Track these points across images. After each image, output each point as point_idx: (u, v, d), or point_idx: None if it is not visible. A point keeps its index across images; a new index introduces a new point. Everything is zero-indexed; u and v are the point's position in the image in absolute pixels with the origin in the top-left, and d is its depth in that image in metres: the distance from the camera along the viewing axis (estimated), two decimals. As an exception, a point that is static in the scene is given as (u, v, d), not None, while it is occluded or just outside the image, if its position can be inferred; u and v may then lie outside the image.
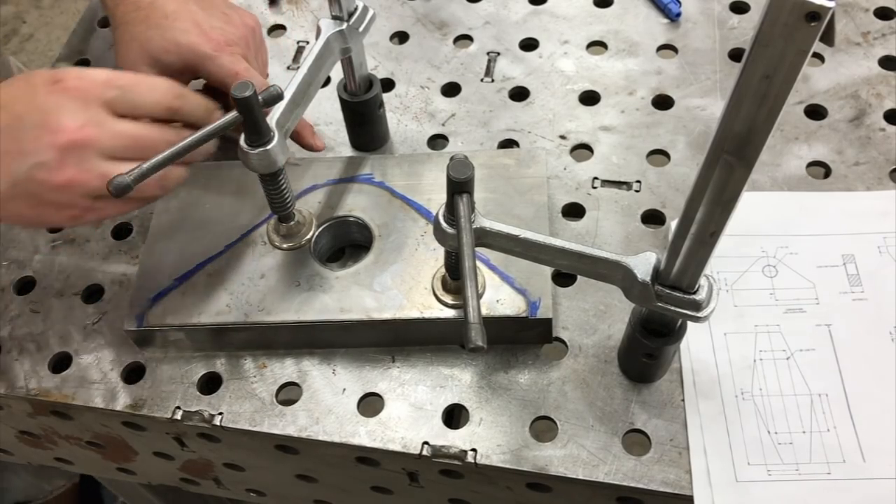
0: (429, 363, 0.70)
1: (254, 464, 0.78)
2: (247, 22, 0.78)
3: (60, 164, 0.59)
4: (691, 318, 0.54)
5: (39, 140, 0.59)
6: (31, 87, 0.61)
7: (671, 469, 0.61)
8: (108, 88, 0.62)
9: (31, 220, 0.63)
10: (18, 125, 0.59)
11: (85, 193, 0.61)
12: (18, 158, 0.59)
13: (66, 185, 0.60)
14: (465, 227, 0.55)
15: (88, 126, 0.60)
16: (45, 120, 0.59)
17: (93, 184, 0.60)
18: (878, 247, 0.71)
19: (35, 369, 0.73)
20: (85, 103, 0.60)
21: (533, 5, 0.95)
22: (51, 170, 0.59)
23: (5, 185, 0.60)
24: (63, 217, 0.62)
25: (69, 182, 0.59)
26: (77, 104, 0.60)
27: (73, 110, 0.59)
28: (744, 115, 0.39)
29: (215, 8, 0.77)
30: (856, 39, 0.86)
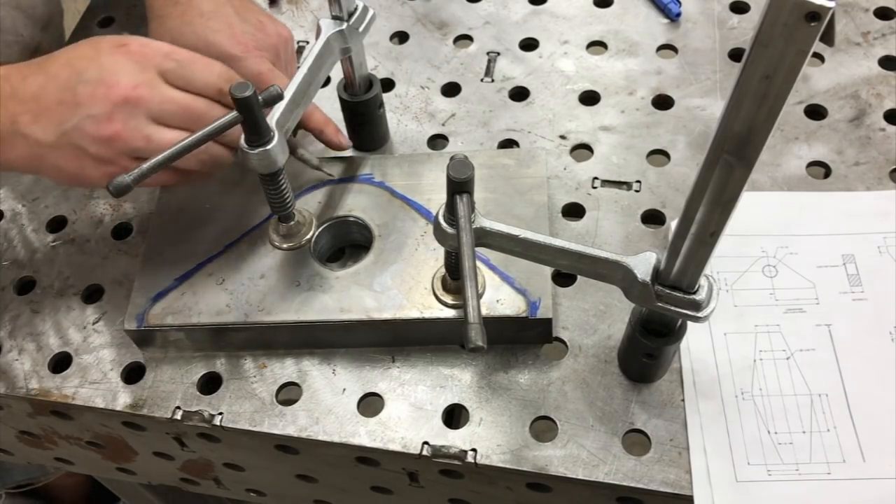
0: (429, 363, 0.70)
1: (254, 464, 0.78)
2: (280, 32, 0.79)
3: (109, 118, 0.61)
4: (691, 318, 0.54)
5: (94, 93, 0.61)
6: (96, 48, 0.64)
7: (671, 469, 0.61)
8: (166, 59, 0.64)
9: (71, 174, 0.64)
10: (77, 79, 0.62)
11: (126, 151, 0.62)
12: (72, 109, 0.62)
13: (110, 138, 0.62)
14: (465, 227, 0.55)
15: (142, 87, 0.62)
16: (102, 76, 0.62)
17: (135, 142, 0.62)
18: (878, 247, 0.71)
19: (35, 369, 0.73)
20: (143, 67, 0.63)
21: (533, 5, 0.95)
22: (99, 122, 0.61)
23: (53, 135, 0.62)
24: (101, 174, 0.64)
25: (114, 136, 0.62)
26: (135, 66, 0.63)
27: (130, 71, 0.62)
28: (744, 115, 0.39)
29: (251, 14, 0.77)
30: (856, 39, 0.86)
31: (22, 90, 0.63)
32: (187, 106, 0.64)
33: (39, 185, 0.87)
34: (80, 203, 0.84)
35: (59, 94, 0.62)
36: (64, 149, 0.63)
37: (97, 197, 0.85)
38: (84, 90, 0.62)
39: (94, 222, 0.83)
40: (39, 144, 0.63)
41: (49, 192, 0.86)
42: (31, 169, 0.66)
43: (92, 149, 0.62)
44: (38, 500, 1.48)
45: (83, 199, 0.85)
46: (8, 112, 0.63)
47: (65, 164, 0.64)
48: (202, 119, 0.63)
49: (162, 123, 0.64)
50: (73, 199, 0.85)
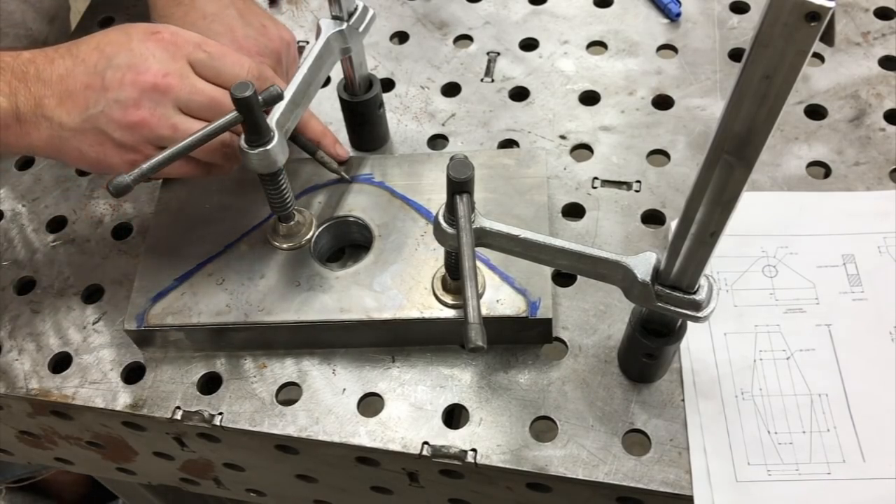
0: (429, 363, 0.70)
1: (254, 464, 0.78)
2: (283, 36, 0.79)
3: (137, 104, 0.61)
4: (691, 318, 0.54)
5: (123, 78, 0.61)
6: (128, 34, 0.64)
7: (671, 469, 0.61)
8: (197, 49, 0.64)
9: (92, 159, 0.64)
10: (106, 64, 0.62)
11: (151, 138, 0.62)
12: (99, 93, 0.61)
13: (136, 124, 0.62)
14: (465, 227, 0.55)
15: (172, 75, 0.62)
16: (133, 62, 0.62)
17: (162, 130, 0.62)
18: (878, 247, 0.71)
19: (35, 369, 0.73)
20: (174, 56, 0.63)
21: (533, 5, 0.95)
22: (126, 107, 0.61)
23: (77, 119, 0.62)
24: (122, 160, 0.63)
25: (140, 122, 0.62)
26: (166, 55, 0.63)
27: (161, 59, 0.62)
28: (744, 116, 0.39)
29: (254, 17, 0.77)
30: (856, 39, 0.86)
31: (48, 73, 0.63)
32: (215, 99, 0.64)
33: (39, 185, 0.87)
34: (80, 203, 0.84)
35: (87, 79, 0.62)
36: (87, 133, 0.62)
37: (97, 197, 0.85)
38: (113, 75, 0.62)
39: (94, 222, 0.83)
40: (63, 128, 0.62)
41: (49, 192, 0.86)
42: (52, 152, 0.65)
43: (116, 134, 0.62)
44: (37, 494, 1.48)
45: (83, 199, 0.85)
46: (32, 94, 0.62)
47: (87, 148, 0.63)
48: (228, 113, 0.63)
49: (188, 114, 0.64)
50: (73, 199, 0.85)
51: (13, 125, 0.62)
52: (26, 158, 0.89)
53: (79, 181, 0.86)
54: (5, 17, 0.92)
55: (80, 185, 0.86)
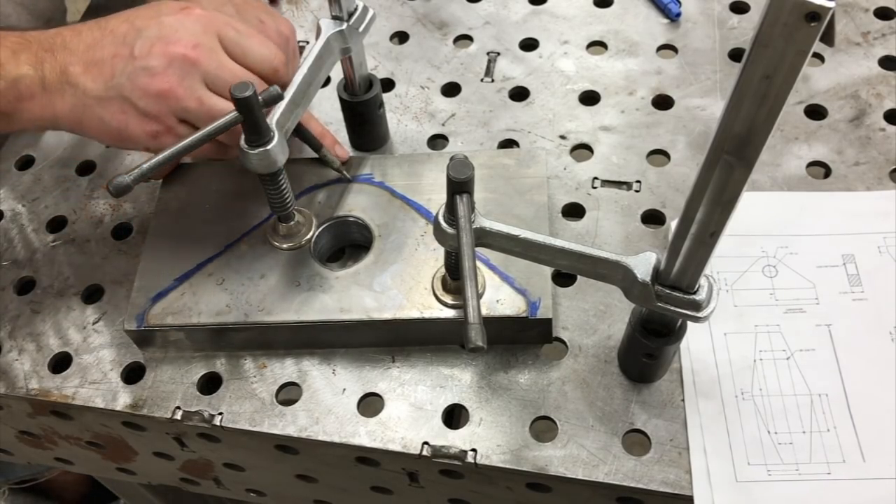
0: (429, 363, 0.70)
1: (254, 464, 0.78)
2: (281, 30, 0.77)
3: (164, 73, 0.61)
4: (691, 318, 0.54)
5: (153, 47, 0.62)
6: (157, 10, 0.64)
7: (671, 469, 0.61)
8: (227, 27, 0.65)
9: (114, 129, 0.64)
10: (136, 35, 0.62)
11: (176, 109, 0.62)
12: (127, 60, 0.61)
13: (162, 93, 0.62)
14: (465, 227, 0.55)
15: (201, 48, 0.62)
16: (162, 32, 0.62)
17: (186, 102, 0.62)
18: (878, 247, 0.71)
19: (35, 369, 0.73)
20: (204, 29, 0.63)
21: (533, 5, 0.95)
22: (154, 75, 0.61)
23: (102, 86, 0.62)
24: (143, 132, 0.63)
25: (166, 91, 0.62)
26: (198, 27, 0.63)
27: (192, 31, 0.63)
28: (744, 116, 0.39)
29: (252, 12, 0.76)
30: (856, 39, 0.86)
31: (75, 43, 0.63)
32: (240, 78, 0.64)
33: (39, 185, 0.87)
34: (80, 203, 0.84)
35: (115, 48, 0.62)
36: (112, 101, 0.62)
37: (97, 197, 0.85)
38: (143, 45, 0.62)
39: (94, 222, 0.83)
40: (87, 94, 0.62)
41: (49, 192, 0.86)
42: (74, 123, 0.65)
43: (141, 103, 0.62)
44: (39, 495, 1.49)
45: (83, 199, 0.85)
46: (59, 62, 0.62)
47: (109, 117, 0.63)
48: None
49: (214, 90, 0.64)
50: (72, 199, 0.85)
51: (38, 94, 0.62)
52: (26, 158, 0.89)
53: (79, 181, 0.86)
54: (3, 19, 0.92)
55: (80, 185, 0.86)
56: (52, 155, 0.89)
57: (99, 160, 0.88)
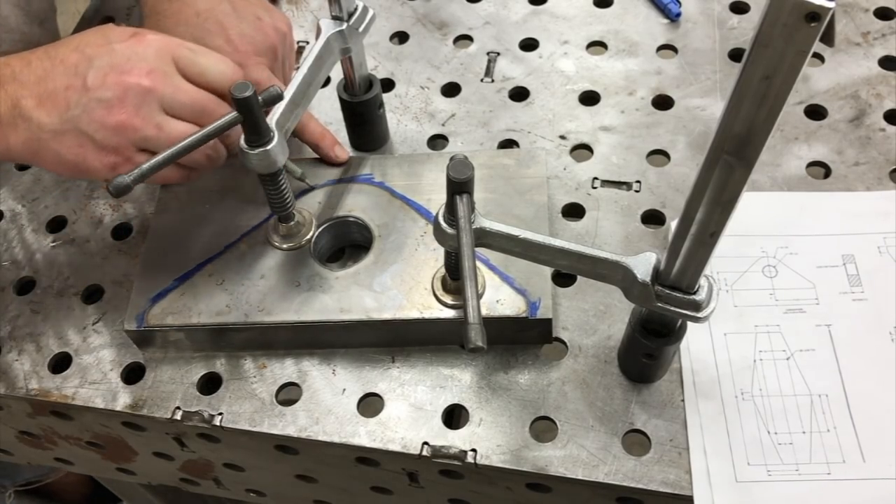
0: (429, 363, 0.70)
1: (254, 464, 0.78)
2: (279, 27, 0.77)
3: (121, 103, 0.60)
4: (691, 318, 0.54)
5: (107, 77, 0.60)
6: (106, 36, 0.62)
7: (671, 469, 0.61)
8: (181, 48, 0.63)
9: (70, 164, 0.62)
10: (88, 65, 0.60)
11: (135, 140, 0.61)
12: (81, 92, 0.59)
13: (120, 125, 0.60)
14: (464, 228, 0.55)
15: (156, 74, 0.61)
16: (115, 61, 0.60)
17: (145, 131, 0.61)
18: (878, 247, 0.71)
19: (35, 369, 0.73)
20: (158, 54, 0.62)
21: (533, 5, 0.95)
22: (110, 107, 0.60)
23: (57, 120, 0.60)
24: (102, 164, 0.62)
25: (124, 122, 0.60)
26: (150, 53, 0.61)
27: (144, 57, 0.61)
28: (744, 116, 0.39)
29: (248, 9, 0.75)
30: (856, 39, 0.86)
31: (25, 74, 0.61)
32: (199, 100, 0.63)
33: (39, 185, 0.87)
34: (80, 203, 0.84)
35: (68, 80, 0.60)
36: (67, 135, 0.60)
37: (97, 197, 0.85)
38: (95, 75, 0.60)
39: (94, 222, 0.83)
40: (42, 129, 0.60)
41: (49, 193, 0.86)
42: (28, 156, 0.63)
43: (98, 135, 0.60)
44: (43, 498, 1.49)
45: (83, 199, 0.85)
46: (9, 95, 0.60)
47: (66, 151, 0.61)
48: (212, 115, 0.62)
49: (172, 115, 0.62)
50: (72, 199, 0.85)
51: None
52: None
53: (79, 181, 0.86)
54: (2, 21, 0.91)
55: (80, 185, 0.86)
56: (52, 155, 0.89)
57: (99, 160, 0.88)
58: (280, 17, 0.78)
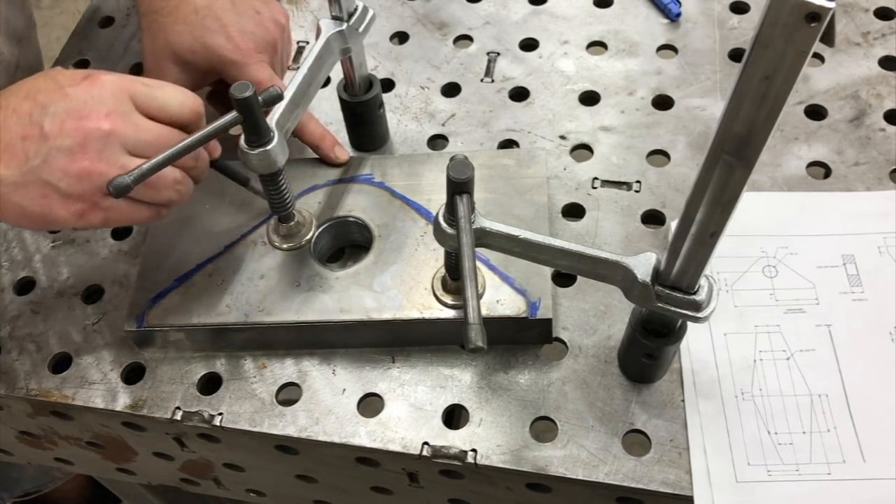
0: (429, 363, 0.70)
1: (254, 464, 0.78)
2: (278, 19, 0.77)
3: (82, 150, 0.57)
4: (691, 318, 0.54)
5: (64, 124, 0.57)
6: (56, 81, 0.60)
7: (671, 469, 0.61)
8: (136, 85, 0.61)
9: (35, 215, 0.59)
10: (42, 112, 0.58)
11: (100, 184, 0.58)
12: (39, 142, 0.57)
13: (84, 172, 0.58)
14: (465, 228, 0.55)
15: (115, 116, 0.59)
16: (71, 107, 0.58)
17: (111, 175, 0.58)
18: (878, 247, 0.71)
19: (35, 369, 0.73)
20: (114, 94, 0.59)
21: (533, 5, 0.95)
22: (72, 155, 0.57)
23: (17, 172, 0.57)
24: (69, 213, 0.59)
25: (88, 169, 0.58)
26: (106, 94, 0.59)
27: (101, 99, 0.59)
28: (744, 116, 0.39)
29: (247, 4, 0.75)
30: (856, 39, 0.86)
31: None
32: (162, 136, 0.61)
33: (39, 185, 0.86)
34: (79, 203, 0.84)
35: (23, 129, 0.57)
36: (30, 186, 0.57)
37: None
38: (52, 122, 0.57)
39: (94, 222, 0.82)
40: (1, 183, 0.57)
41: (49, 193, 0.85)
42: None
43: (62, 184, 0.58)
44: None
45: (83, 199, 0.84)
46: None
47: (30, 203, 0.58)
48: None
49: (136, 154, 0.60)
50: (72, 199, 0.85)
51: None
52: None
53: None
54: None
55: (79, 185, 0.86)
56: (52, 155, 0.89)
57: (99, 160, 0.88)
58: (278, 9, 0.78)
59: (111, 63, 0.96)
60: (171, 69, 0.74)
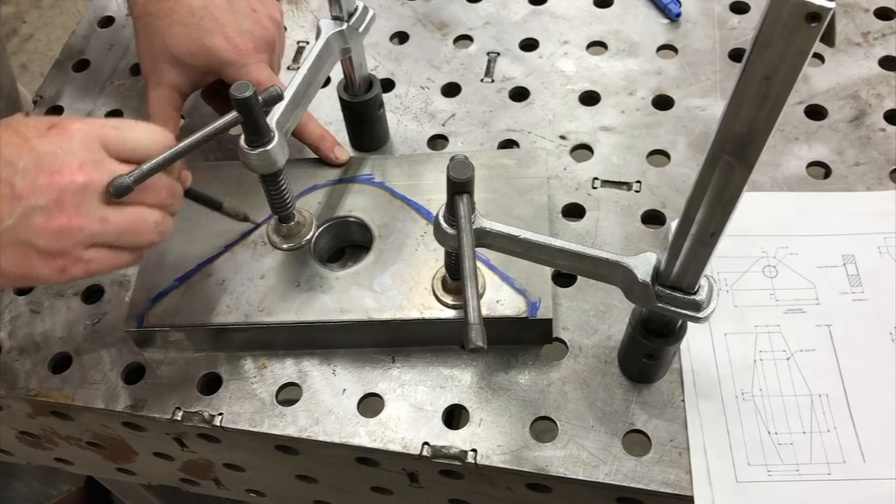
0: (429, 363, 0.70)
1: (254, 464, 0.78)
2: (274, 16, 0.76)
3: (59, 207, 0.55)
4: (691, 318, 0.54)
5: (36, 182, 0.54)
6: (21, 135, 0.56)
7: (671, 469, 0.61)
8: (105, 129, 0.58)
9: (15, 275, 0.57)
10: (10, 169, 0.54)
11: (81, 240, 0.56)
12: (11, 202, 0.54)
13: (63, 229, 0.55)
14: (465, 228, 0.55)
15: (87, 165, 0.56)
16: (41, 162, 0.55)
17: (91, 228, 0.56)
18: (878, 247, 0.71)
19: (35, 369, 0.73)
20: (84, 143, 0.57)
21: (533, 5, 0.95)
22: (49, 213, 0.55)
23: None
24: (50, 269, 0.57)
25: (67, 226, 0.55)
26: (75, 145, 0.56)
27: (71, 150, 0.56)
28: (744, 116, 0.39)
29: (243, 2, 0.74)
30: (856, 39, 0.86)
31: None
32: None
33: (39, 185, 0.86)
34: (80, 203, 0.84)
35: None
36: (8, 248, 0.55)
37: (97, 197, 0.84)
38: (23, 181, 0.54)
39: (94, 222, 0.82)
40: None
41: (49, 193, 0.85)
42: None
43: (41, 242, 0.55)
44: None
45: (83, 199, 0.84)
46: None
47: (9, 263, 0.56)
48: (154, 191, 0.59)
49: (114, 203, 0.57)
50: (73, 199, 0.85)
51: None
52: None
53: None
54: None
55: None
56: (52, 155, 0.89)
57: (99, 160, 0.88)
58: (273, 5, 0.78)
59: (111, 63, 0.96)
60: (169, 72, 0.74)
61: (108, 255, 0.59)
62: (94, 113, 0.91)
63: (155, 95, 0.76)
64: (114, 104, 0.92)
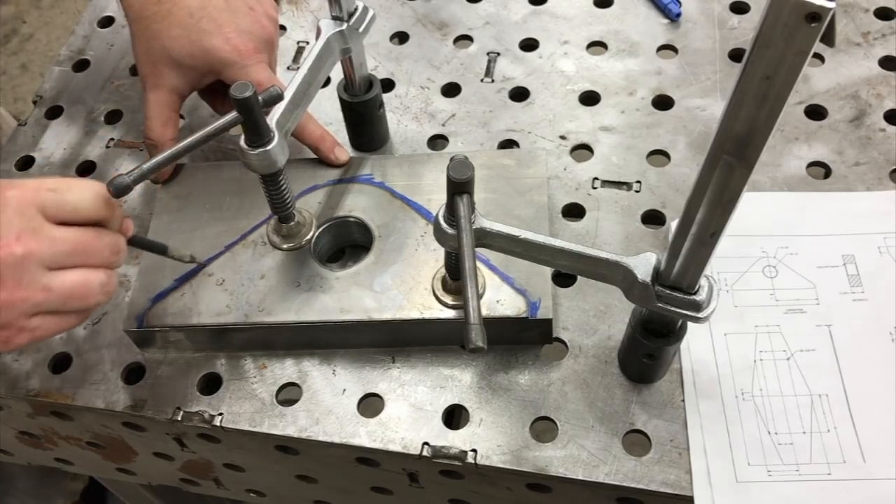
0: (429, 363, 0.70)
1: (254, 464, 0.78)
2: (271, 14, 0.77)
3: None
4: (691, 318, 0.54)
5: None
6: None
7: (671, 469, 0.61)
8: (41, 193, 0.55)
9: None
10: None
11: (24, 311, 0.54)
12: None
13: (5, 303, 0.53)
14: (465, 228, 0.55)
15: (25, 235, 0.53)
16: None
17: (34, 298, 0.54)
18: (878, 247, 0.71)
19: (35, 369, 0.73)
20: (19, 211, 0.54)
21: (533, 5, 0.95)
22: None
23: None
24: None
25: (9, 300, 0.53)
26: (11, 214, 0.53)
27: (7, 220, 0.53)
28: (744, 116, 0.39)
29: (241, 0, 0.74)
30: (856, 40, 0.86)
31: None
32: (80, 241, 0.56)
33: (39, 185, 0.86)
34: (80, 203, 0.84)
35: None
36: None
37: (97, 197, 0.84)
38: None
39: (94, 223, 0.82)
40: None
41: (49, 193, 0.85)
42: None
43: None
44: None
45: (83, 199, 0.84)
46: None
47: None
48: (98, 251, 0.57)
49: (57, 268, 0.55)
50: (73, 199, 0.85)
51: None
52: (26, 159, 0.89)
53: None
54: None
55: (80, 185, 0.86)
56: (53, 155, 0.89)
57: (99, 161, 0.88)
58: (269, 3, 0.77)
59: (111, 63, 0.96)
60: (168, 74, 0.74)
61: (53, 321, 0.57)
62: (95, 113, 0.91)
63: (153, 98, 0.76)
64: (114, 104, 0.92)
